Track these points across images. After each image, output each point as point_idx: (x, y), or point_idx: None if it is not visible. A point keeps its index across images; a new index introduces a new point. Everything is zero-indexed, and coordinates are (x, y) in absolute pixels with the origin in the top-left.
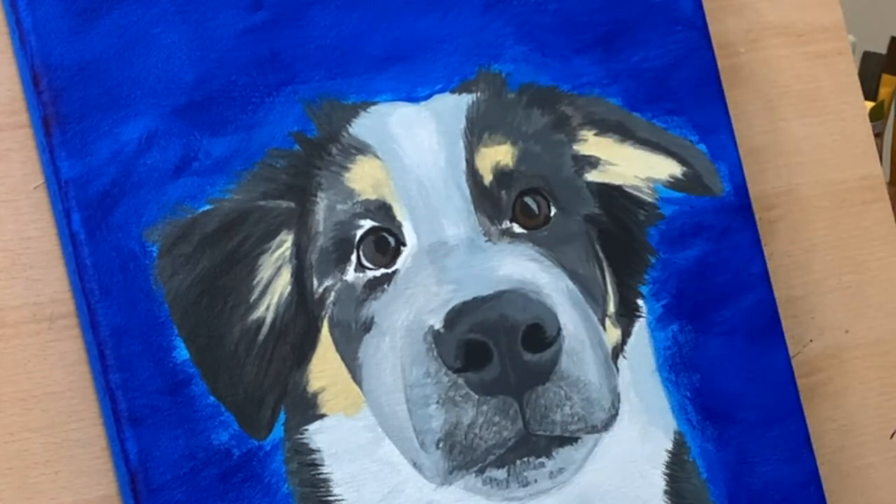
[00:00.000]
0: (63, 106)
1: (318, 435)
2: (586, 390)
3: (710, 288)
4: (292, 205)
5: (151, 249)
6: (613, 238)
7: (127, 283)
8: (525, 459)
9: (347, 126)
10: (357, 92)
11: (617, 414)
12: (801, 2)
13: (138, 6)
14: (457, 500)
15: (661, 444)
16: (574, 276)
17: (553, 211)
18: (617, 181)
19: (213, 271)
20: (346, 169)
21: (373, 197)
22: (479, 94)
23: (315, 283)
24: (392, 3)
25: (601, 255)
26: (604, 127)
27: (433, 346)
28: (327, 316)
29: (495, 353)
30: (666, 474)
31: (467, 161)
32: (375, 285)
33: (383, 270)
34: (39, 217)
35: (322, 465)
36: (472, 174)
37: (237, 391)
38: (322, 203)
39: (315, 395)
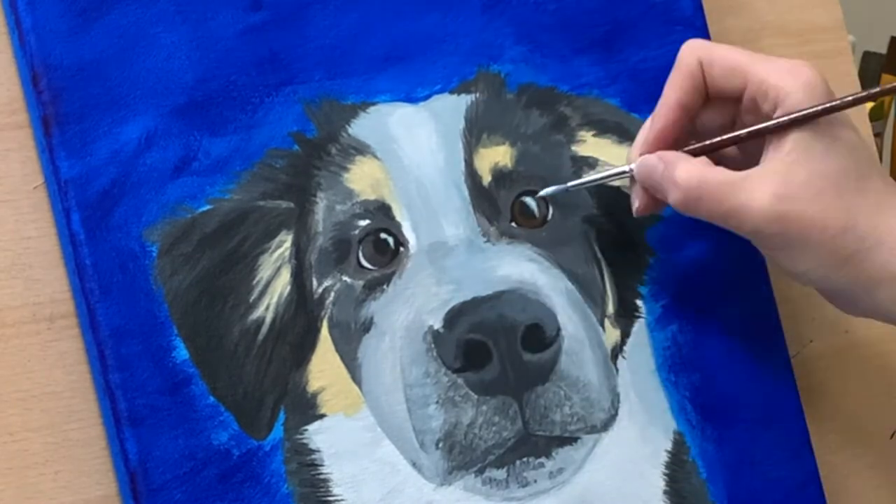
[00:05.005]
0: (63, 106)
1: (317, 435)
2: (586, 390)
3: (709, 288)
4: (292, 205)
5: (151, 249)
6: (612, 238)
7: (127, 283)
8: (525, 459)
9: (347, 126)
10: (356, 92)
11: (616, 414)
12: (801, 1)
13: (138, 6)
14: (456, 501)
15: (660, 444)
16: (573, 276)
17: (552, 211)
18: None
19: (212, 271)
20: (346, 169)
21: (372, 197)
22: (478, 94)
23: (314, 283)
24: (391, 3)
25: (600, 255)
26: (603, 128)
27: (433, 346)
28: (327, 316)
29: (495, 353)
30: (665, 474)
31: (466, 161)
32: (375, 285)
33: (383, 271)
34: (39, 217)
35: (322, 466)
36: (471, 175)
37: (237, 391)
38: (321, 203)
39: (314, 395)
